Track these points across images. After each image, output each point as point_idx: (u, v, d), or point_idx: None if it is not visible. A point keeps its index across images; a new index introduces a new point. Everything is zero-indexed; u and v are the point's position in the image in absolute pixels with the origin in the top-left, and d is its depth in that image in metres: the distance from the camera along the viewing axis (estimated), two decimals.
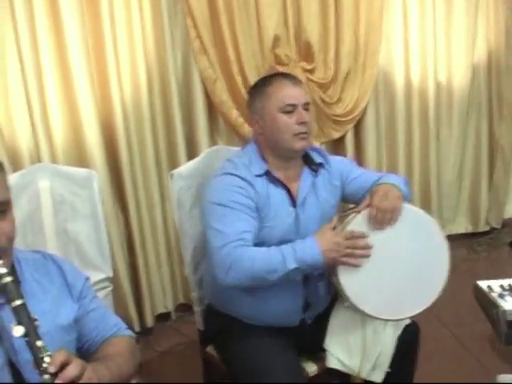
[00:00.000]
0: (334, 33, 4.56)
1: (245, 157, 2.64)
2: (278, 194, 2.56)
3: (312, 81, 4.55)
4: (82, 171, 2.97)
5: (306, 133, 2.55)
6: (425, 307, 2.49)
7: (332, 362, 2.58)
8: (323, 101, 4.61)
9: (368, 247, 2.37)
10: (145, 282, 4.28)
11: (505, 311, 2.11)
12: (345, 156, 4.68)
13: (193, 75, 4.28)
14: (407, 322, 2.63)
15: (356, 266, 2.36)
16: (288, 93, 2.55)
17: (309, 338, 2.62)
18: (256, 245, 2.44)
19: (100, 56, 3.87)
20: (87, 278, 2.04)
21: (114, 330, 2.02)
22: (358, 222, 2.42)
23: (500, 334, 2.16)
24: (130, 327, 3.91)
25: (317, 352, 2.65)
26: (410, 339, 2.62)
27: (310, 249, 2.32)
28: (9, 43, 3.62)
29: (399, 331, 2.59)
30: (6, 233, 1.68)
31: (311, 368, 2.64)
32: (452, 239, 5.14)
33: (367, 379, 2.57)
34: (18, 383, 1.71)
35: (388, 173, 2.83)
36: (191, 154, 4.25)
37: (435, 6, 4.95)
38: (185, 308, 4.53)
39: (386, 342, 2.56)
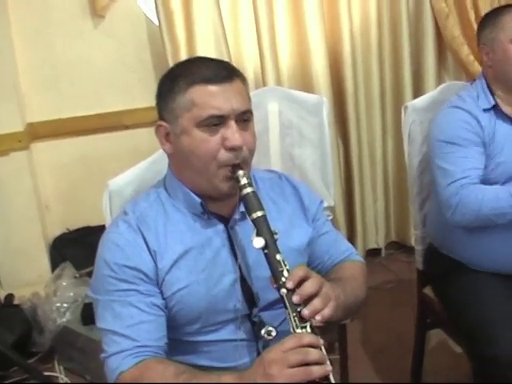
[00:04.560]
0: None
1: (473, 90, 2.55)
2: (505, 130, 2.44)
3: None
4: (312, 97, 2.95)
5: None
6: None
7: None
8: None
9: None
10: (359, 215, 4.28)
11: None
12: None
13: (424, 8, 4.11)
14: None
15: None
16: None
17: None
18: (483, 182, 2.35)
19: None
20: (321, 201, 2.00)
21: (345, 254, 1.97)
22: None
23: None
24: None
25: None
26: None
27: None
28: None
29: None
30: (249, 143, 1.68)
31: None
32: None
33: None
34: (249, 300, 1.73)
35: None
36: (417, 89, 4.15)
37: None
38: (396, 246, 4.50)
39: None
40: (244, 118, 1.67)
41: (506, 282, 2.39)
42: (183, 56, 3.58)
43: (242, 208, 1.68)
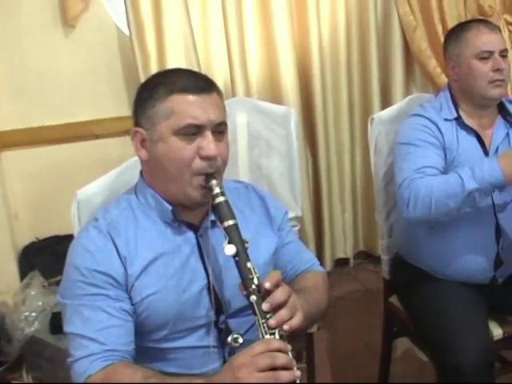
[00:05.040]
0: None
1: (436, 102, 2.64)
2: (468, 141, 2.52)
3: None
4: (280, 108, 3.01)
5: (501, 80, 2.50)
6: None
7: None
8: None
9: None
10: (327, 225, 4.33)
11: None
12: None
13: (392, 22, 4.20)
14: None
15: None
16: (485, 39, 2.51)
17: (499, 298, 2.52)
18: None
19: None
20: (286, 212, 2.05)
21: (308, 264, 2.02)
22: None
23: None
24: None
25: (506, 315, 2.55)
26: None
27: (491, 168, 2.23)
28: None
29: None
30: (223, 154, 1.73)
31: (497, 331, 2.52)
32: None
33: None
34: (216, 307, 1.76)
35: None
36: (385, 101, 4.21)
37: None
38: (364, 256, 4.56)
39: None
40: (219, 130, 1.72)
41: (469, 291, 2.46)
42: (153, 66, 3.61)
43: (212, 217, 1.72)
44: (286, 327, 1.53)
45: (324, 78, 4.08)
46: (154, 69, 3.58)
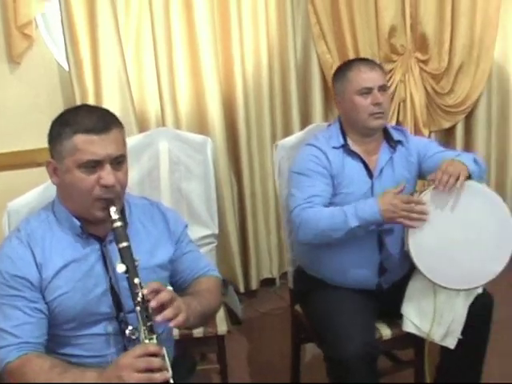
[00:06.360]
0: (450, 26, 4.61)
1: (328, 131, 2.97)
2: (353, 165, 2.84)
3: (425, 71, 4.67)
4: (198, 137, 3.32)
5: (381, 112, 2.82)
6: (489, 279, 2.67)
7: (407, 326, 2.77)
8: (435, 91, 4.71)
9: (424, 213, 2.57)
10: (253, 246, 4.56)
11: None
12: (454, 146, 4.81)
13: (311, 59, 4.51)
14: (479, 291, 2.78)
15: (411, 227, 2.58)
16: (364, 77, 2.83)
17: (386, 303, 2.82)
18: None
19: (226, 35, 4.21)
20: (186, 226, 2.37)
21: (204, 270, 2.36)
22: (424, 200, 2.63)
23: None
24: (236, 287, 4.29)
25: (394, 318, 2.84)
26: (481, 308, 2.77)
27: (370, 207, 2.59)
28: (144, 19, 4.05)
29: (470, 300, 2.74)
30: (121, 181, 2.04)
31: (386, 332, 2.82)
32: None
33: (440, 344, 2.76)
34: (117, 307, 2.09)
35: (465, 152, 3.10)
36: None
37: None
38: None
39: (458, 310, 2.73)
40: (118, 161, 2.02)
41: (358, 296, 2.78)
42: (91, 99, 3.89)
43: None
44: (171, 324, 1.90)
45: (248, 110, 4.35)
46: (91, 102, 3.86)
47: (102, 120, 2.01)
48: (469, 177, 2.67)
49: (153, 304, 1.87)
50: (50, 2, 3.87)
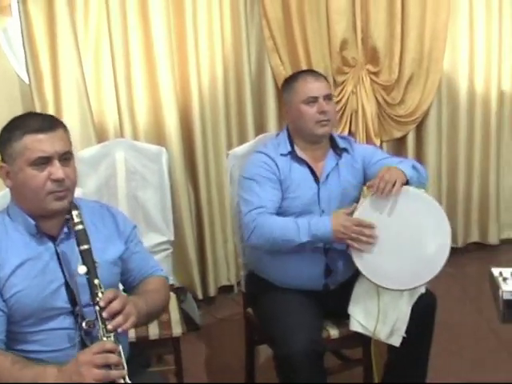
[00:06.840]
0: (400, 39, 4.78)
1: (276, 139, 3.11)
2: (300, 171, 2.98)
3: (376, 83, 4.83)
4: (153, 147, 3.45)
5: (327, 120, 2.96)
6: (430, 278, 2.79)
7: (354, 325, 2.89)
8: (386, 102, 4.87)
9: (373, 236, 2.71)
10: (210, 254, 4.65)
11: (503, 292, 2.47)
12: (405, 155, 4.94)
13: (265, 71, 4.65)
14: (422, 291, 2.90)
15: (358, 249, 2.72)
16: (310, 86, 2.98)
17: (334, 303, 2.94)
18: (280, 213, 2.88)
19: (182, 48, 4.32)
20: (135, 226, 2.49)
21: (152, 269, 2.49)
22: (364, 206, 2.78)
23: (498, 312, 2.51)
24: (194, 294, 4.40)
25: (342, 317, 2.95)
26: (424, 307, 2.89)
27: (323, 227, 2.74)
28: (103, 33, 4.15)
29: (414, 299, 2.86)
30: (70, 177, 2.16)
31: (333, 331, 2.94)
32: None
33: (386, 342, 2.88)
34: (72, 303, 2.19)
35: (407, 159, 3.32)
36: None
37: (502, 16, 5.00)
38: None
39: (402, 309, 2.85)
40: (65, 157, 2.14)
41: (305, 297, 2.89)
42: (51, 111, 3.95)
43: (65, 229, 2.19)
44: (120, 330, 2.02)
45: (204, 120, 4.45)
46: (51, 113, 3.81)
47: (48, 120, 2.17)
48: (406, 182, 2.81)
49: (104, 315, 2.00)
50: (11, 17, 3.94)
